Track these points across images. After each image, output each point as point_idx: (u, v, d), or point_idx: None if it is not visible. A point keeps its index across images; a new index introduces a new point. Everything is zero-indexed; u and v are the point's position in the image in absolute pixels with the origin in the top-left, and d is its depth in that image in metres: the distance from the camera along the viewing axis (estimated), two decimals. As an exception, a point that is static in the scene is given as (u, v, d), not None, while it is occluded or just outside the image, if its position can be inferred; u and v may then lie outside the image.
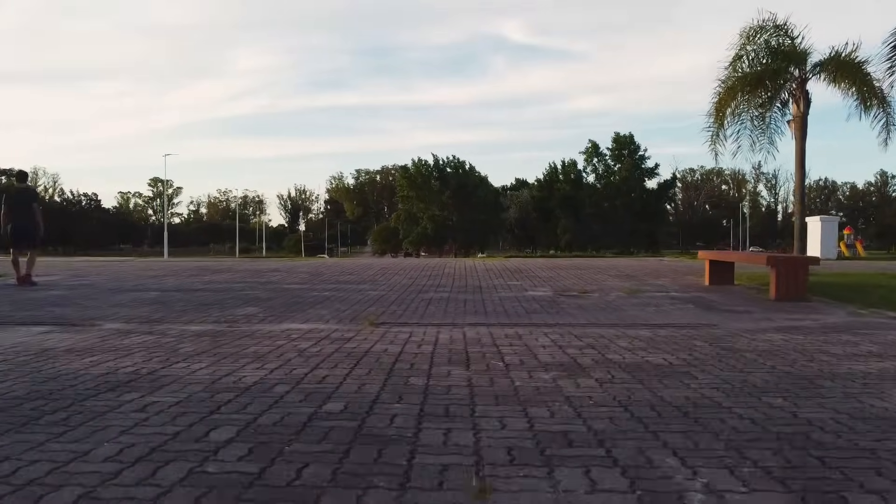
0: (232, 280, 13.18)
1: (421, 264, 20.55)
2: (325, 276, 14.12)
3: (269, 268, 17.67)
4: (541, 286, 11.64)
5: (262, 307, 8.46)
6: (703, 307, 8.62)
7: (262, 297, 9.83)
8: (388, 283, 12.29)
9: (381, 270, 16.78)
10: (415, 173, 78.34)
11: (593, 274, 14.67)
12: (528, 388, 3.95)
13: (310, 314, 7.71)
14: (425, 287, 11.56)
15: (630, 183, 75.12)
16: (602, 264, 19.62)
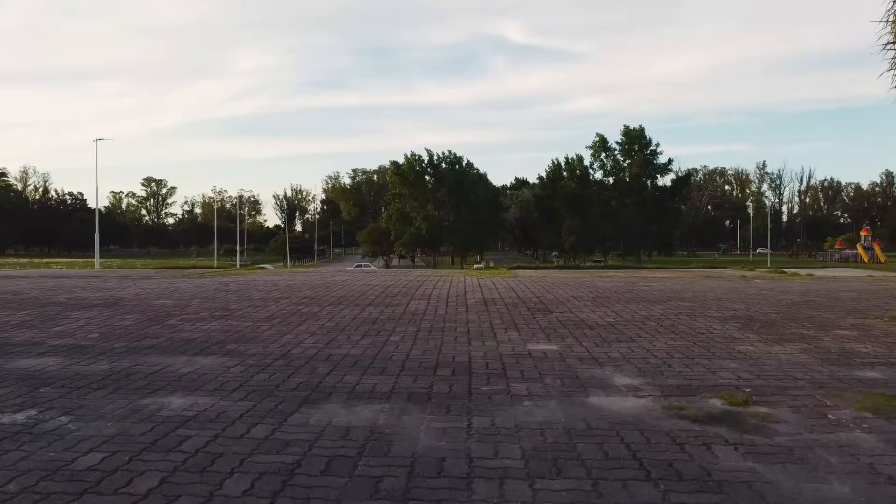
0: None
1: (382, 286, 14.64)
2: (168, 329, 8.09)
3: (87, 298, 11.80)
4: (615, 370, 5.28)
5: None
6: None
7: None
8: (263, 353, 6.06)
9: (301, 305, 10.77)
10: (407, 169, 72.14)
11: (689, 316, 8.68)
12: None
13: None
14: (327, 385, 4.96)
15: (641, 180, 69.08)
16: (673, 289, 13.52)
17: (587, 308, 9.62)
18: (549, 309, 9.62)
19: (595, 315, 8.73)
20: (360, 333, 7.10)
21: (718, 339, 6.62)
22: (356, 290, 13.60)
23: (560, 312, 9.06)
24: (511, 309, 9.49)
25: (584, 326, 7.63)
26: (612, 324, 7.84)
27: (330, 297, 11.76)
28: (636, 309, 9.46)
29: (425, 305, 10.25)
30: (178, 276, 21.35)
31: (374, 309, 9.62)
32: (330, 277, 20.40)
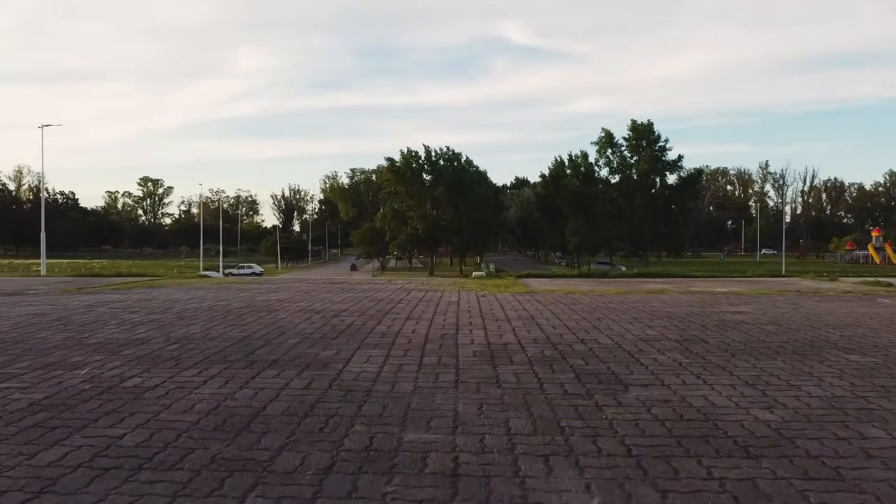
0: None
1: (330, 314, 11.04)
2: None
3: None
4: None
5: None
6: None
7: None
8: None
9: (128, 364, 6.94)
10: (403, 166, 68.51)
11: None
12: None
13: None
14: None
15: (650, 177, 65.49)
16: (788, 318, 9.85)
17: (692, 373, 5.67)
18: (617, 377, 5.62)
19: (730, 401, 4.76)
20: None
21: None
22: (282, 323, 9.90)
23: (645, 389, 5.08)
24: (543, 376, 5.60)
25: (740, 451, 3.70)
26: (791, 437, 4.00)
27: (204, 349, 7.50)
28: (797, 374, 5.53)
29: (379, 365, 6.48)
30: (78, 288, 18.41)
31: (267, 379, 5.75)
32: (274, 294, 16.77)
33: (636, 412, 4.51)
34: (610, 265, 73.24)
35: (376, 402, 4.92)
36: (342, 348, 7.43)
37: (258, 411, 4.70)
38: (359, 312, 11.47)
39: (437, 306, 12.81)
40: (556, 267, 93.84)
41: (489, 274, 75.43)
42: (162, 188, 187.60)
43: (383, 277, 70.52)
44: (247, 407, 4.80)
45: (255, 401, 5.01)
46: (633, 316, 10.74)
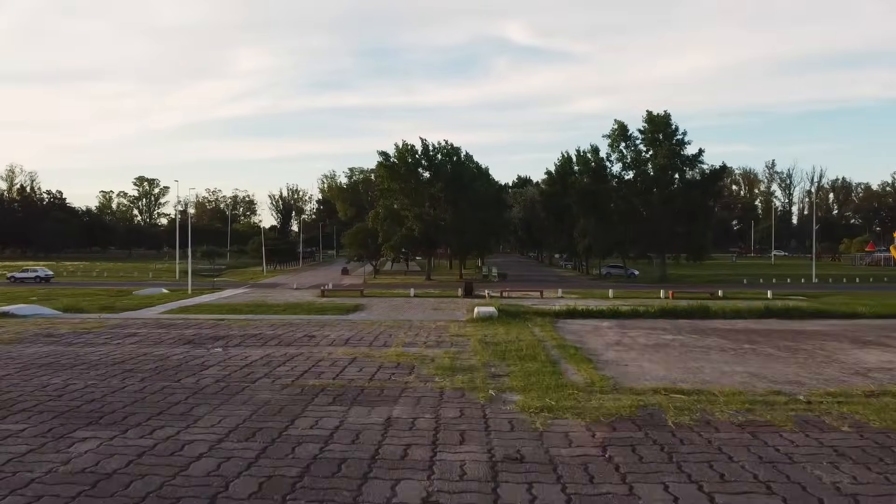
0: None
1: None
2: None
3: None
4: None
5: None
6: None
7: None
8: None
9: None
10: (398, 161, 62.77)
11: None
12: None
13: None
14: None
15: (668, 174, 59.78)
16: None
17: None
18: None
19: None
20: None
21: None
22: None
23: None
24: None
25: None
26: None
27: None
28: None
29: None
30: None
31: None
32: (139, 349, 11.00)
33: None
34: (623, 269, 67.63)
35: None
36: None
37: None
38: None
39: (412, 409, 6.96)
40: (563, 270, 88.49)
41: (491, 276, 69.99)
42: (158, 188, 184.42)
43: (377, 281, 65.52)
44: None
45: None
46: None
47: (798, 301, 35.86)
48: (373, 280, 63.03)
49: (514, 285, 55.86)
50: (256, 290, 48.08)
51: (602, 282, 62.71)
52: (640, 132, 62.02)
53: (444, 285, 56.77)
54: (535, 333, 17.99)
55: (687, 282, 61.86)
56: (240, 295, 42.79)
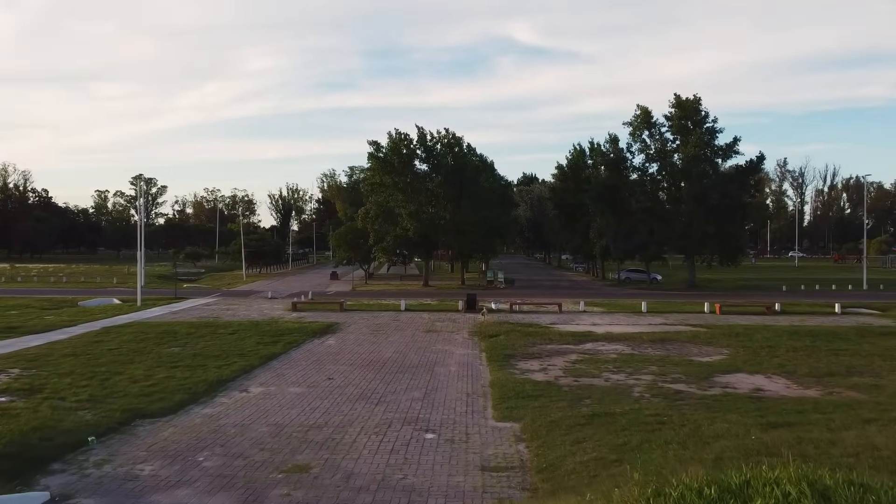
0: None
1: None
2: None
3: None
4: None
5: None
6: None
7: None
8: None
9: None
10: (391, 152, 55.25)
11: None
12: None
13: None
14: None
15: (699, 166, 52.24)
16: None
17: None
18: None
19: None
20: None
21: None
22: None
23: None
24: None
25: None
26: None
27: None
28: None
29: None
30: None
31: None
32: None
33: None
34: (645, 274, 60.17)
35: None
36: None
37: None
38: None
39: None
40: (574, 274, 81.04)
41: (497, 282, 62.53)
42: (155, 187, 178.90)
43: (368, 288, 57.98)
44: None
45: None
46: None
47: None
48: (363, 287, 55.71)
49: (524, 293, 48.53)
50: (223, 301, 40.84)
51: (622, 288, 55.29)
52: (666, 118, 54.53)
53: (443, 293, 49.42)
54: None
55: (715, 288, 54.44)
56: (197, 308, 35.56)
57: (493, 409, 13.04)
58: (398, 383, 15.62)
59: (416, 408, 13.14)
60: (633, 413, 12.25)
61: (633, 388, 14.97)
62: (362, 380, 16.01)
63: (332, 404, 13.49)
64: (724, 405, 13.03)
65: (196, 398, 13.86)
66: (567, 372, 17.01)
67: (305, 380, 16.07)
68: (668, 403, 13.25)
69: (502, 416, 12.46)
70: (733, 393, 14.37)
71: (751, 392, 14.55)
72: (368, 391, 14.72)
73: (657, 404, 13.15)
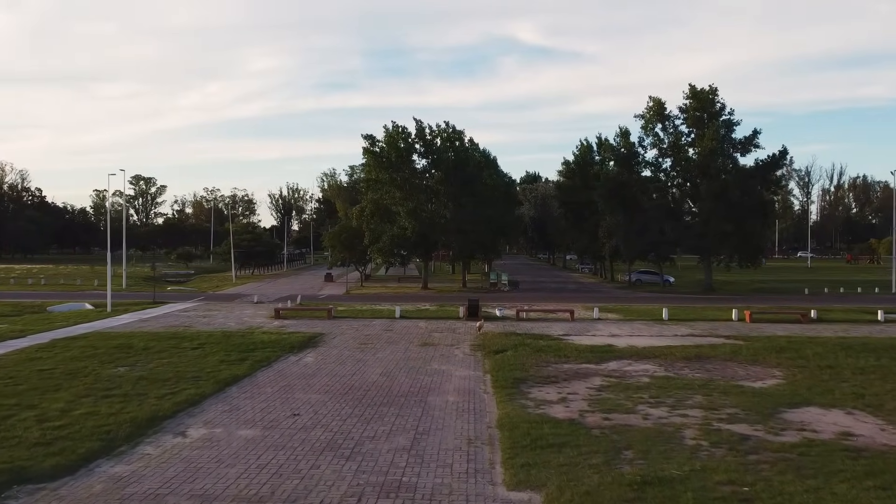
0: None
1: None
2: None
3: None
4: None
5: None
6: None
7: None
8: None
9: None
10: (387, 146, 51.90)
11: None
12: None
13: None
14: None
15: (717, 160, 48.84)
16: None
17: None
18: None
19: None
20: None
21: None
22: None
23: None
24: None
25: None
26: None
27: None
28: None
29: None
30: None
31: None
32: None
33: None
34: (658, 276, 56.77)
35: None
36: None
37: None
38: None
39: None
40: (581, 275, 77.51)
41: (501, 284, 58.98)
42: (154, 187, 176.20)
43: (363, 291, 54.57)
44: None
45: None
46: None
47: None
48: (358, 289, 52.37)
49: (531, 297, 45.09)
50: (204, 306, 37.55)
51: (633, 291, 51.89)
52: (680, 111, 51.07)
53: (443, 296, 46.03)
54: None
55: (732, 290, 51.03)
56: (172, 315, 32.26)
57: (504, 467, 9.68)
58: (380, 422, 12.29)
59: (400, 465, 9.81)
60: (696, 478, 8.90)
61: (683, 430, 11.61)
62: (335, 417, 12.67)
63: (289, 458, 10.16)
64: (816, 463, 9.67)
65: (111, 448, 10.51)
66: (593, 404, 13.65)
67: (264, 416, 12.73)
68: (738, 460, 9.88)
69: (517, 480, 9.11)
70: (817, 440, 11.00)
71: (838, 437, 11.18)
72: (340, 436, 11.38)
73: (725, 461, 9.78)
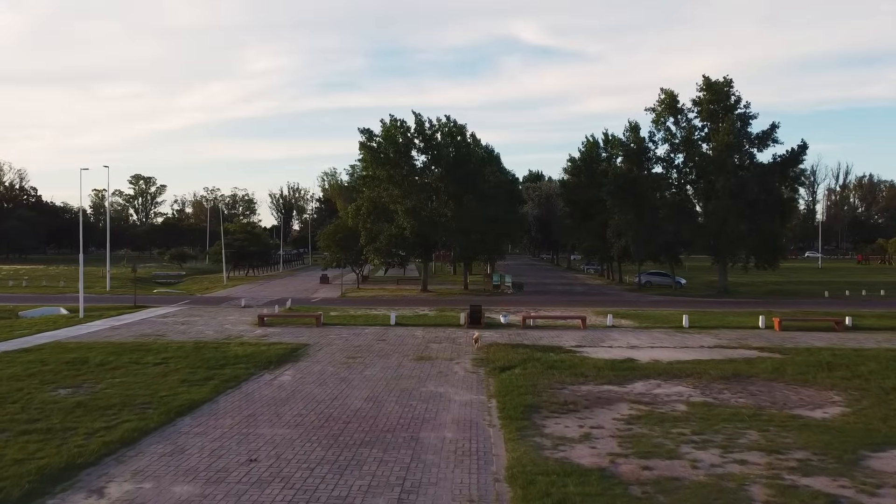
0: None
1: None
2: None
3: None
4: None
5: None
6: None
7: None
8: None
9: None
10: (385, 141, 49.27)
11: None
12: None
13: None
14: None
15: (733, 156, 46.13)
16: None
17: None
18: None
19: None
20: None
21: None
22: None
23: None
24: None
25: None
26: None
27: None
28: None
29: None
30: None
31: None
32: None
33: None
34: (669, 278, 54.08)
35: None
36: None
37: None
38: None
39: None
40: (587, 276, 74.76)
41: (504, 287, 56.24)
42: (154, 186, 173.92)
43: (359, 294, 51.87)
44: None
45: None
46: None
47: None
48: (354, 292, 49.75)
49: (537, 301, 42.43)
50: (187, 311, 34.98)
51: (644, 294, 49.22)
52: (694, 103, 48.35)
53: (443, 300, 43.37)
54: None
55: (747, 293, 48.36)
56: (148, 321, 29.65)
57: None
58: (357, 472, 9.64)
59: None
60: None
61: (747, 486, 8.96)
62: (302, 464, 10.03)
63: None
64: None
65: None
66: (625, 443, 11.00)
67: (212, 463, 10.08)
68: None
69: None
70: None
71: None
72: (303, 495, 8.74)
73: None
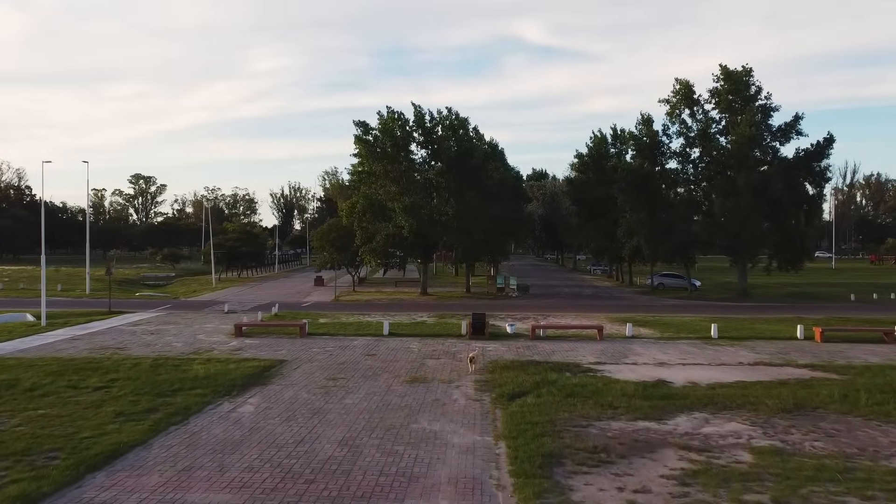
0: None
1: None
2: None
3: None
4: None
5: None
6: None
7: None
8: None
9: None
10: (382, 134, 46.19)
11: None
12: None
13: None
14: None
15: (753, 150, 42.99)
16: None
17: None
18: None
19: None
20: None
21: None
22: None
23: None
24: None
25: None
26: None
27: None
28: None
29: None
30: None
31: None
32: None
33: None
34: (684, 280, 51.02)
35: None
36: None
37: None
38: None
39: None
40: (594, 277, 71.67)
41: (509, 289, 53.01)
42: (154, 186, 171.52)
43: (354, 298, 48.70)
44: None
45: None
46: None
47: None
48: (349, 295, 46.66)
49: (545, 305, 39.35)
50: (164, 317, 31.95)
51: (658, 298, 46.10)
52: (711, 94, 45.25)
53: (443, 304, 40.30)
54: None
55: (765, 296, 45.24)
56: (115, 330, 26.66)
57: None
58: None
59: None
60: None
61: None
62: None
63: None
64: None
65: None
66: (685, 521, 7.92)
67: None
68: None
69: None
70: None
71: None
72: None
73: None
